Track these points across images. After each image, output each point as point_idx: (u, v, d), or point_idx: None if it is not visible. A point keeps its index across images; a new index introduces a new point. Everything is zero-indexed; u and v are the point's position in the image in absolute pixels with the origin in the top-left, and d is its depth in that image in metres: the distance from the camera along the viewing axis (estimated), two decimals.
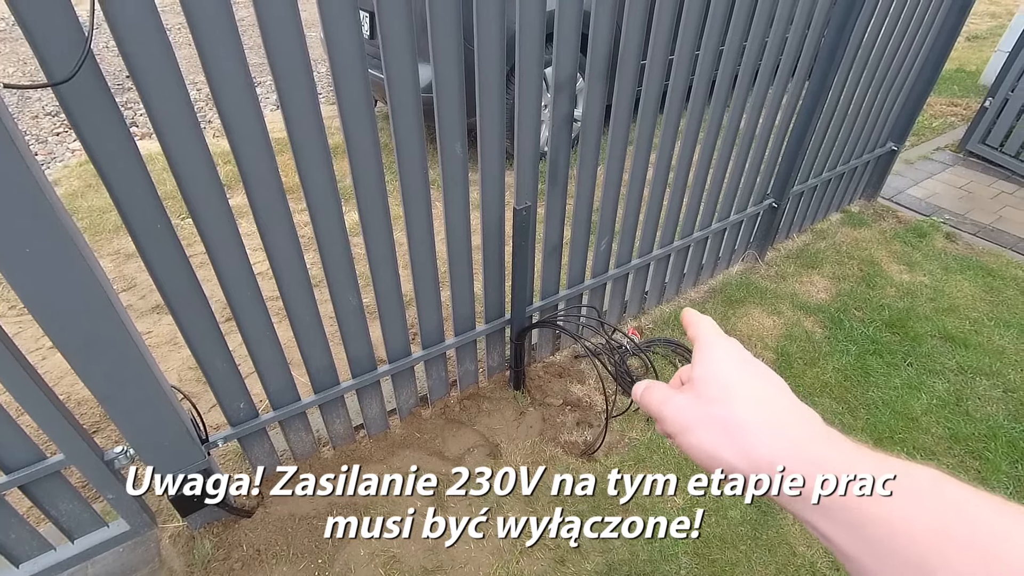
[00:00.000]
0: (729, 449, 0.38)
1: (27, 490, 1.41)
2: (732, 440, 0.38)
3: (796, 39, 2.22)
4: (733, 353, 0.43)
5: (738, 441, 0.38)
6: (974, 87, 5.77)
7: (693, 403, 0.41)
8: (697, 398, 0.41)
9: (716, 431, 0.39)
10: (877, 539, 0.31)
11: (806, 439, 0.37)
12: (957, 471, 1.99)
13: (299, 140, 1.30)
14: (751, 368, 0.42)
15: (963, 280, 2.94)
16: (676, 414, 0.42)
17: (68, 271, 1.09)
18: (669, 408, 0.42)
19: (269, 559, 1.67)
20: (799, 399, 0.40)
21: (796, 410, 0.39)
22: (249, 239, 1.35)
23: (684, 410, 0.41)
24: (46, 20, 0.92)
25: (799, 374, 2.36)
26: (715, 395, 0.40)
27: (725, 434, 0.38)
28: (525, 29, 1.48)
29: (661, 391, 0.44)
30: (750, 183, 2.63)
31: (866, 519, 0.32)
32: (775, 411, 0.39)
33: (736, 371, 0.41)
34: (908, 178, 3.96)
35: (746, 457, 0.37)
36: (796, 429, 0.37)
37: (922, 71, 3.10)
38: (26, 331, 2.46)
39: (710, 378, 0.41)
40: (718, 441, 0.38)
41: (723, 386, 0.40)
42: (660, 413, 0.43)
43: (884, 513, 0.31)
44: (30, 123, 4.66)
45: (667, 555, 1.72)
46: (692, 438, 0.40)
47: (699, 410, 0.40)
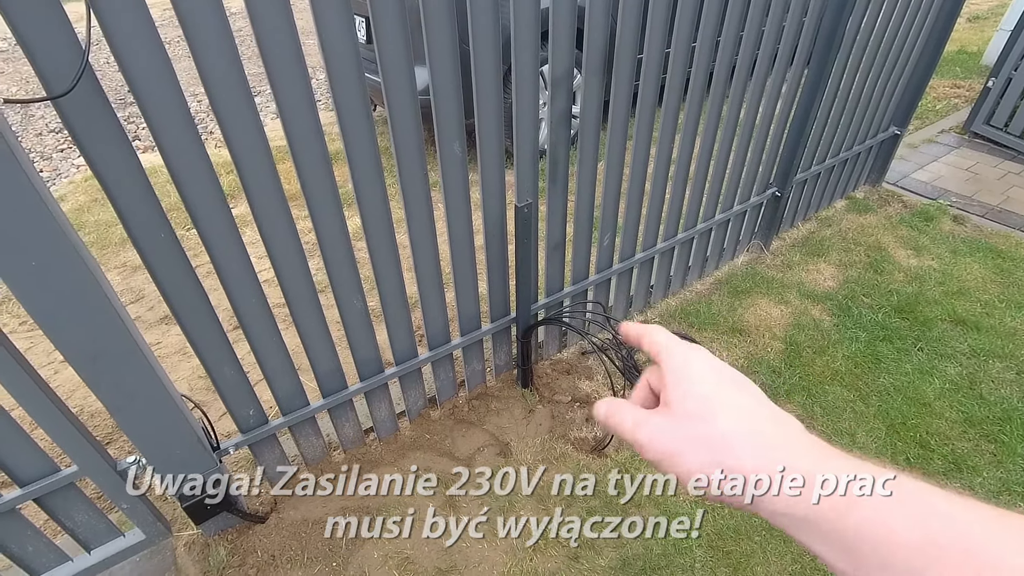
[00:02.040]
0: (714, 469, 0.37)
1: (42, 502, 1.43)
2: (717, 460, 0.37)
3: (793, 25, 2.21)
4: (704, 362, 0.41)
5: (723, 461, 0.36)
6: (976, 68, 5.71)
7: (673, 424, 0.39)
8: (676, 417, 0.39)
9: (703, 452, 0.37)
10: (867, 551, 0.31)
11: (792, 451, 0.36)
12: (972, 455, 1.98)
13: (299, 147, 1.30)
14: (725, 376, 0.40)
15: (972, 263, 2.92)
16: (657, 440, 0.39)
17: (75, 285, 1.10)
18: (646, 433, 0.40)
19: (284, 564, 1.68)
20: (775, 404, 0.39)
21: (777, 419, 0.38)
22: (253, 247, 1.36)
23: (665, 434, 0.39)
24: (44, 36, 0.93)
25: (808, 363, 2.35)
26: (694, 411, 0.39)
27: (712, 453, 0.37)
28: (520, 27, 1.48)
29: (631, 413, 0.42)
30: (752, 173, 2.62)
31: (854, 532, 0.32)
32: (757, 422, 0.38)
33: (713, 382, 0.40)
34: (913, 162, 3.93)
35: (732, 475, 0.36)
36: (780, 440, 0.37)
37: (923, 53, 3.08)
38: (38, 345, 2.49)
39: (686, 393, 0.39)
40: (703, 463, 0.37)
41: (702, 400, 0.39)
42: (636, 439, 0.40)
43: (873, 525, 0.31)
44: (34, 140, 4.70)
45: (681, 549, 1.72)
46: (680, 464, 0.38)
47: (681, 431, 0.39)
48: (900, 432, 2.06)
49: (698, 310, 2.60)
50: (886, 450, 2.00)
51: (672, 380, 0.41)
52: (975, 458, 1.97)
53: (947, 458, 1.97)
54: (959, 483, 1.90)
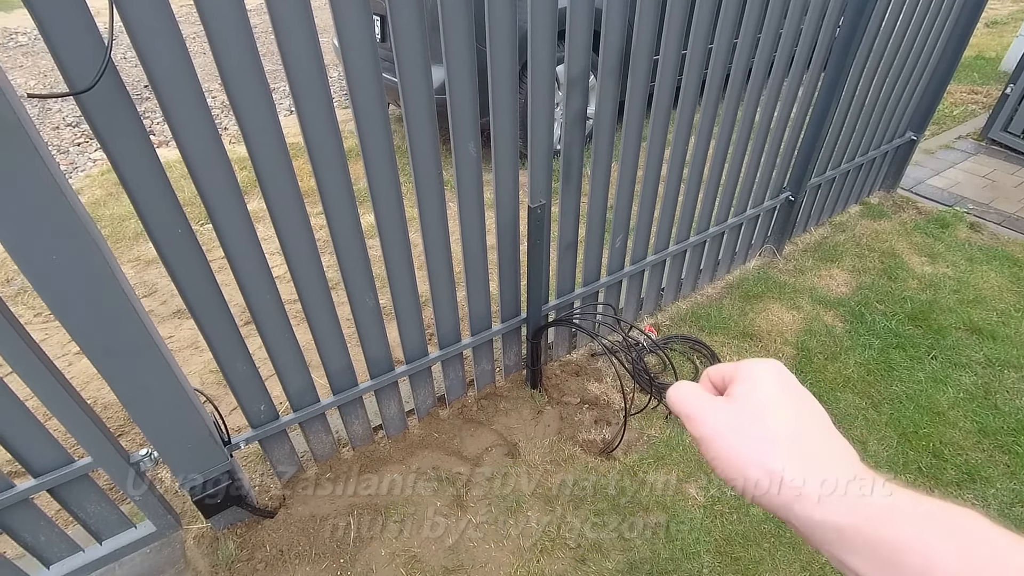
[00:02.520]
0: (756, 466, 0.37)
1: (56, 493, 1.44)
2: (761, 456, 0.37)
3: (811, 29, 2.19)
4: (776, 373, 0.42)
5: (767, 459, 0.37)
6: (994, 74, 5.64)
7: (727, 409, 0.40)
8: (732, 406, 0.40)
9: (746, 443, 0.38)
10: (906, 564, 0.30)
11: (839, 469, 0.36)
12: (986, 466, 1.95)
13: (314, 144, 1.31)
14: (793, 391, 0.41)
15: (989, 271, 2.88)
16: (707, 415, 0.41)
17: (92, 278, 1.11)
18: (701, 408, 0.41)
19: (292, 559, 1.69)
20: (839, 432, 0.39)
21: (833, 441, 0.38)
22: (267, 243, 1.37)
23: (717, 414, 0.40)
24: (67, 31, 0.94)
25: (820, 369, 2.33)
26: (751, 409, 0.39)
27: (755, 449, 0.37)
28: (537, 27, 1.48)
29: (694, 390, 0.44)
30: (766, 177, 2.60)
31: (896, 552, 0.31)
32: (810, 438, 0.38)
33: (777, 390, 0.40)
34: (929, 168, 3.89)
35: (773, 477, 0.36)
36: (830, 460, 0.36)
37: (941, 59, 3.04)
38: (53, 337, 2.52)
39: (749, 392, 0.41)
40: (746, 454, 0.38)
41: (761, 402, 0.40)
42: (691, 412, 0.42)
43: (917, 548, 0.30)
44: (51, 134, 4.76)
45: (689, 553, 1.71)
46: (720, 445, 0.39)
47: (732, 418, 0.40)
48: (912, 441, 2.04)
49: (709, 314, 2.59)
50: (898, 459, 1.98)
51: (740, 378, 0.42)
52: (989, 469, 1.95)
53: (960, 468, 1.95)
54: (972, 493, 1.88)
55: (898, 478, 1.91)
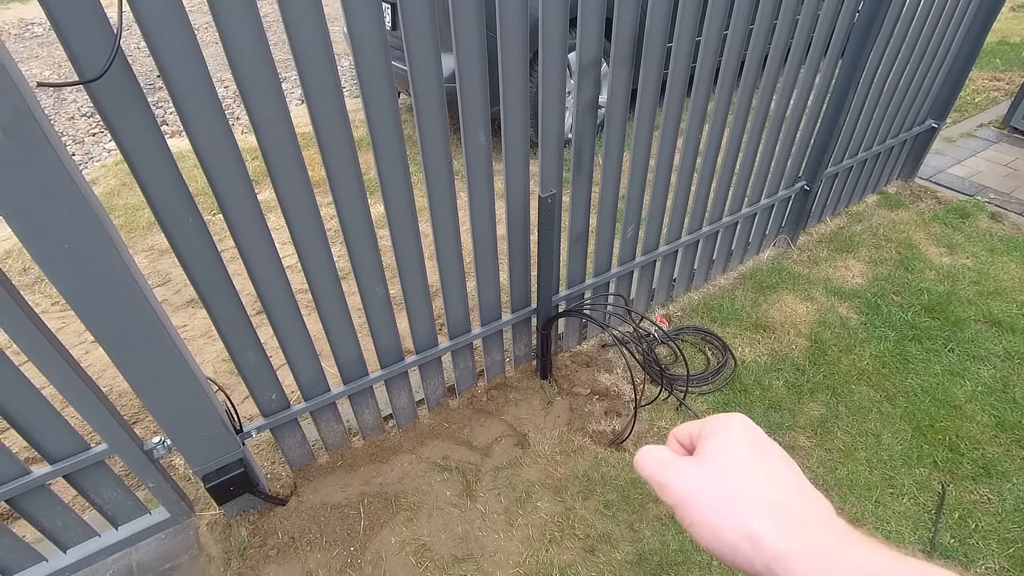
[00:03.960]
0: (734, 530, 0.36)
1: (72, 479, 1.47)
2: (737, 518, 0.36)
3: (829, 15, 2.14)
4: (744, 426, 0.41)
5: (744, 522, 0.35)
6: (1018, 60, 5.50)
7: (698, 471, 0.39)
8: (703, 468, 0.39)
9: (721, 505, 0.37)
10: None
11: (817, 529, 0.34)
12: (1003, 460, 1.92)
13: (324, 134, 1.30)
14: (762, 445, 0.40)
15: (1010, 262, 2.82)
16: (678, 480, 0.39)
17: (105, 268, 1.12)
18: (672, 474, 0.40)
19: (303, 546, 1.71)
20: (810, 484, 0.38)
21: (807, 495, 0.37)
22: (278, 233, 1.37)
23: (688, 477, 0.39)
24: (77, 20, 0.94)
25: (834, 361, 2.30)
26: (723, 469, 0.38)
27: (730, 511, 0.36)
28: (548, 14, 1.46)
29: (662, 454, 0.42)
30: (781, 166, 2.56)
31: None
32: (785, 494, 0.37)
33: (746, 446, 0.39)
34: (950, 156, 3.81)
35: (751, 541, 0.35)
36: (806, 516, 0.35)
37: (963, 44, 2.97)
38: (69, 326, 2.55)
39: (719, 450, 0.40)
40: (722, 517, 0.36)
41: (732, 460, 0.39)
42: (661, 479, 0.40)
43: None
44: (66, 124, 4.80)
45: (698, 545, 1.70)
46: (695, 511, 0.38)
47: (704, 480, 0.38)
48: (927, 435, 2.01)
49: (721, 305, 2.56)
50: (912, 452, 1.95)
51: (709, 433, 0.41)
52: (1005, 463, 1.92)
53: (976, 463, 1.92)
54: (988, 488, 1.85)
55: (912, 473, 1.89)
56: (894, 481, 1.88)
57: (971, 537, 1.73)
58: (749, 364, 2.29)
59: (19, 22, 7.73)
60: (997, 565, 1.67)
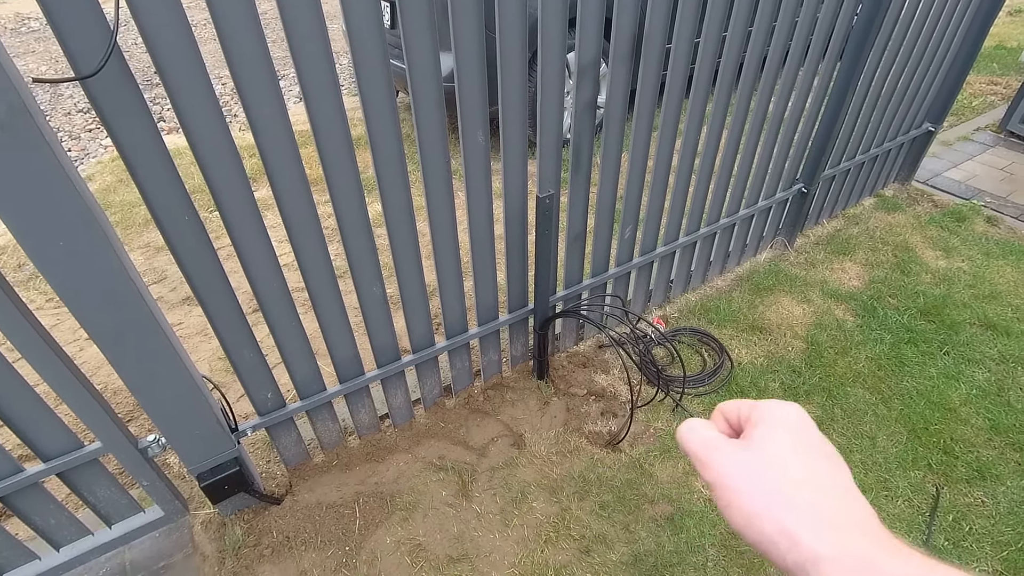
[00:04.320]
0: (772, 523, 0.35)
1: (66, 477, 1.46)
2: (777, 513, 0.35)
3: (828, 17, 2.14)
4: (797, 420, 0.40)
5: (783, 517, 0.35)
6: (1015, 64, 5.52)
7: (743, 457, 0.38)
8: (749, 454, 0.38)
9: (762, 497, 0.36)
10: None
11: (856, 534, 0.34)
12: (997, 463, 1.93)
13: (322, 132, 1.30)
14: (814, 442, 0.39)
15: (1005, 265, 2.83)
16: (722, 462, 0.39)
17: (100, 265, 1.11)
18: (715, 453, 0.39)
19: (298, 546, 1.70)
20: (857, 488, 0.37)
21: (851, 498, 0.36)
22: (274, 231, 1.36)
23: (732, 461, 0.38)
24: (73, 15, 0.93)
25: (830, 363, 2.30)
26: (769, 460, 0.37)
27: (771, 505, 0.35)
28: (547, 14, 1.46)
29: (708, 431, 0.41)
30: (779, 168, 2.56)
31: None
32: (829, 495, 0.36)
33: (797, 441, 0.38)
34: (946, 160, 3.82)
35: (787, 537, 0.34)
36: (847, 519, 0.35)
37: (960, 48, 2.98)
38: (64, 323, 2.54)
39: (768, 440, 0.38)
40: (762, 509, 0.36)
41: (780, 453, 0.38)
42: (707, 458, 0.40)
43: None
44: (63, 120, 4.78)
45: (694, 546, 1.71)
46: (734, 495, 0.37)
47: (748, 467, 0.38)
48: (922, 437, 2.01)
49: (718, 306, 2.57)
50: (907, 455, 1.96)
51: (760, 419, 0.40)
52: (1000, 466, 1.92)
53: (971, 465, 1.93)
54: (982, 491, 1.86)
55: (907, 475, 1.90)
56: (889, 483, 1.88)
57: (965, 540, 1.73)
58: (745, 366, 2.29)
59: (15, 16, 7.69)
60: (991, 568, 1.67)
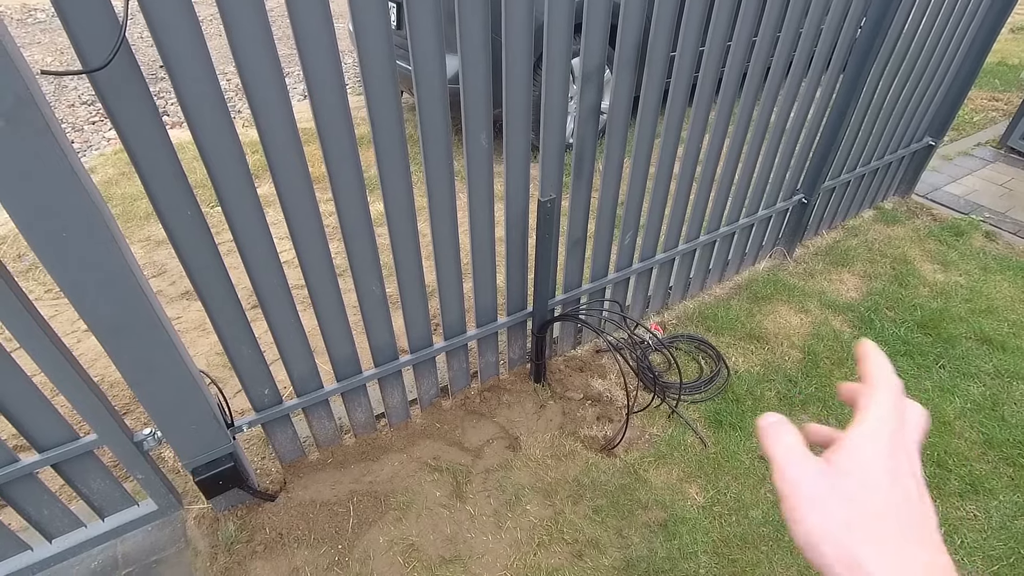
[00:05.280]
0: (841, 555, 0.33)
1: (60, 468, 1.46)
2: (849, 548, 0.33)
3: (832, 29, 2.16)
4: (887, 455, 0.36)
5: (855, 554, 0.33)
6: (1016, 81, 5.55)
7: (823, 470, 0.36)
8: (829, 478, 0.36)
9: (832, 521, 0.34)
10: None
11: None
12: (990, 477, 1.93)
13: (326, 130, 1.31)
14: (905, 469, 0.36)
15: (1002, 280, 2.84)
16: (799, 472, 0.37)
17: (101, 256, 1.11)
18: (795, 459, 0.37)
19: (291, 543, 1.70)
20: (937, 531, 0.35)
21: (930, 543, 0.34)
22: (276, 227, 1.37)
23: (810, 476, 0.36)
24: (83, 8, 0.93)
25: (826, 374, 2.31)
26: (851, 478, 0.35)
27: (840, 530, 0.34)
28: (553, 19, 1.47)
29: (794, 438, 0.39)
30: (779, 178, 2.57)
31: None
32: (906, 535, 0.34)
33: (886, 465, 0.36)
34: (946, 174, 3.84)
35: (853, 569, 0.33)
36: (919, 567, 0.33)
37: (963, 64, 2.99)
38: (62, 314, 2.54)
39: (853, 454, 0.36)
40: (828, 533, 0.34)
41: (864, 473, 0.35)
42: (783, 459, 0.38)
43: None
44: (66, 111, 4.78)
45: (687, 553, 1.71)
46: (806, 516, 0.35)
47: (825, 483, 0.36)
48: None
49: (716, 314, 2.57)
50: None
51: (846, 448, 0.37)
52: (993, 481, 1.93)
53: (964, 479, 1.93)
54: (974, 505, 1.86)
55: None
56: None
57: (956, 554, 1.74)
58: (742, 374, 2.30)
59: (22, 7, 7.70)
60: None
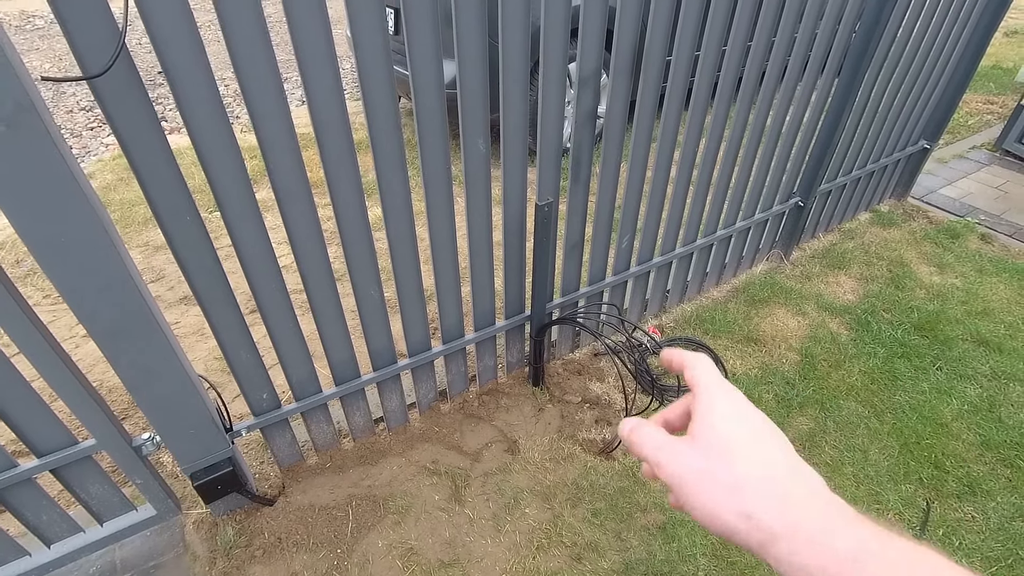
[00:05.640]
0: (730, 511, 0.37)
1: (59, 473, 1.46)
2: (733, 501, 0.37)
3: (826, 33, 2.17)
4: (736, 405, 0.42)
5: (739, 503, 0.37)
6: (1011, 84, 5.58)
7: (693, 453, 0.40)
8: (697, 448, 0.40)
9: (717, 489, 0.38)
10: None
11: (807, 507, 0.36)
12: (987, 479, 1.94)
13: (324, 135, 1.31)
14: (755, 424, 0.41)
15: (998, 282, 2.86)
16: (675, 463, 0.40)
17: (100, 261, 1.12)
18: (666, 455, 0.41)
19: (289, 547, 1.70)
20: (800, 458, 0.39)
21: (800, 473, 0.38)
22: (274, 232, 1.37)
23: (684, 461, 0.40)
24: (82, 16, 0.94)
25: (824, 376, 2.32)
26: (716, 450, 0.39)
27: (726, 494, 0.37)
28: (550, 24, 1.48)
29: (657, 436, 0.43)
30: (776, 181, 2.59)
31: None
32: (778, 474, 0.38)
33: (739, 426, 0.40)
34: (941, 177, 3.86)
35: (746, 520, 0.36)
36: (798, 492, 0.37)
37: (957, 67, 3.01)
38: (61, 319, 2.54)
39: (711, 431, 0.40)
40: (719, 501, 0.38)
41: (725, 441, 0.39)
42: (656, 458, 0.41)
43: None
44: (65, 118, 4.79)
45: (685, 556, 1.71)
46: (692, 492, 0.39)
47: (699, 463, 0.39)
48: (914, 451, 2.03)
49: (713, 317, 2.58)
50: (899, 468, 1.97)
51: (701, 412, 0.42)
52: (990, 482, 1.93)
53: (962, 480, 1.94)
54: (972, 506, 1.86)
55: (898, 489, 1.91)
56: (880, 497, 1.89)
57: (954, 555, 1.74)
58: (740, 377, 2.30)
59: (20, 14, 7.72)
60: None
